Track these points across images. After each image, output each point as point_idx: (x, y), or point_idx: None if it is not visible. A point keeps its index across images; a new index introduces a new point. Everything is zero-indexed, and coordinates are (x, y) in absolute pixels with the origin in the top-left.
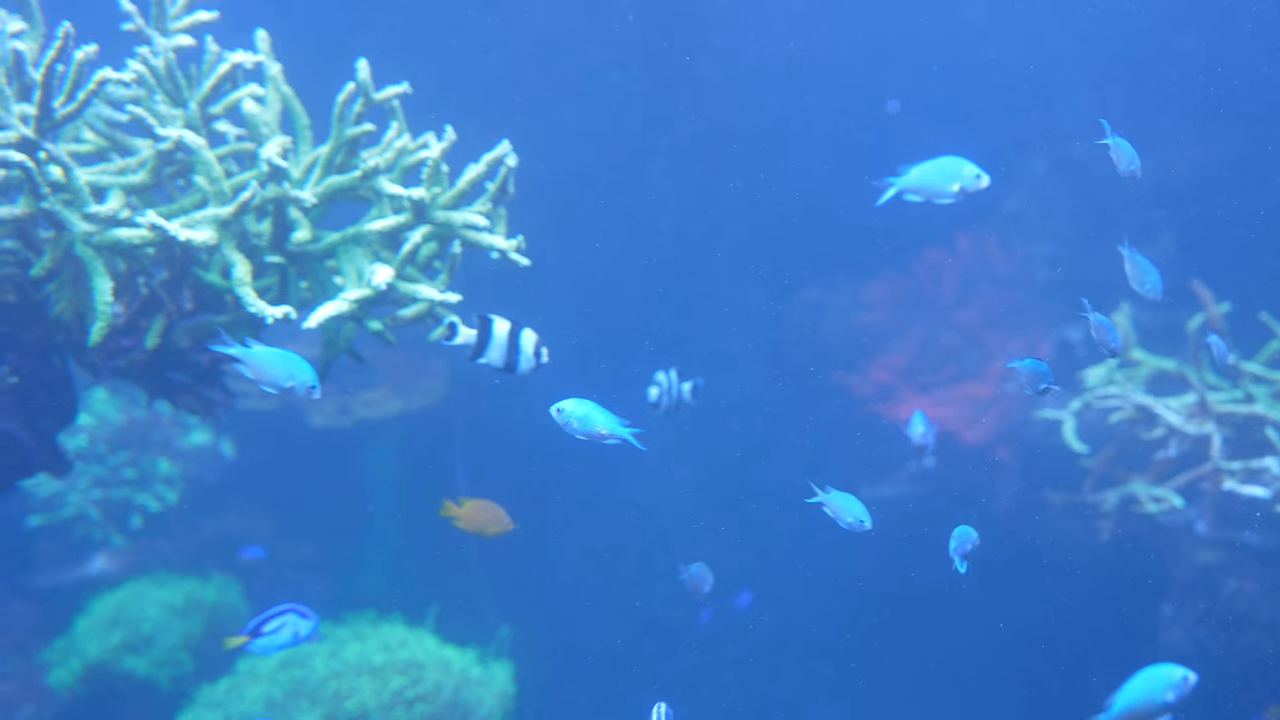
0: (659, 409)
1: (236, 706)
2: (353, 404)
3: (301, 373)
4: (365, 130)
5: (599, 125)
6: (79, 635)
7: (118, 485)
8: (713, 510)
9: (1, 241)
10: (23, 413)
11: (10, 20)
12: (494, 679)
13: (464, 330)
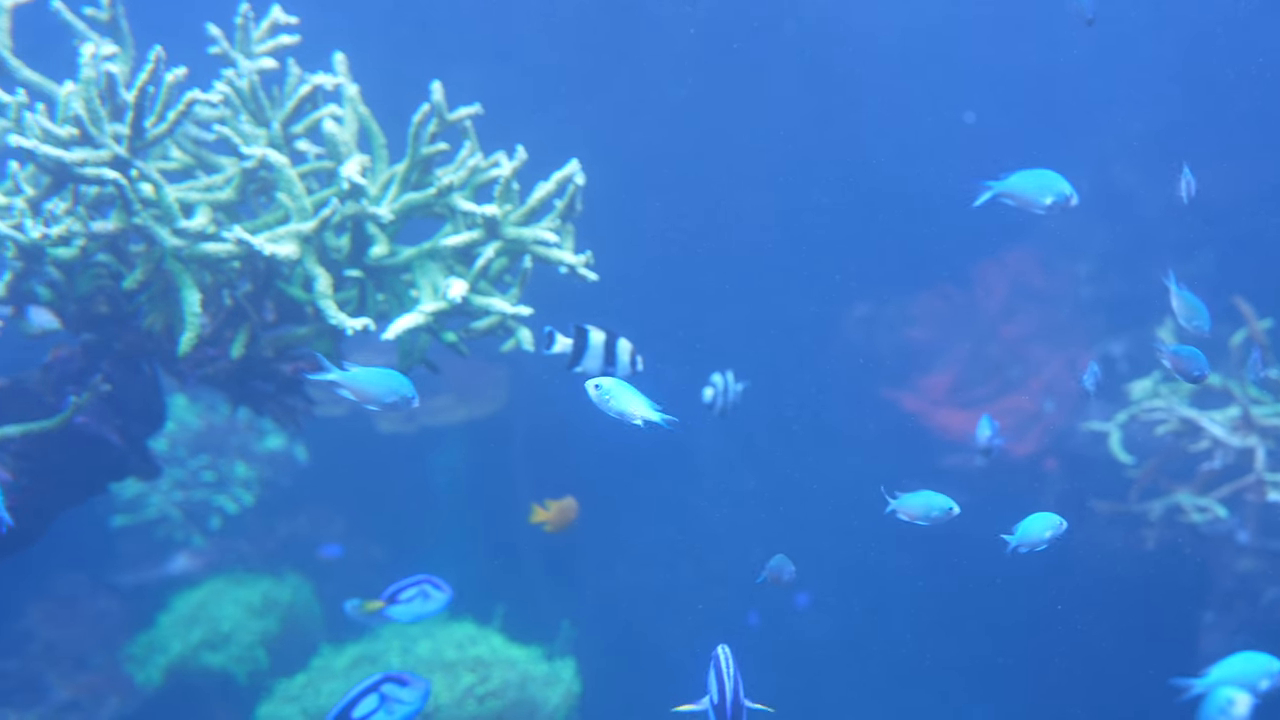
0: (714, 409)
1: (312, 700)
2: (419, 411)
3: (400, 386)
4: (440, 149)
5: (660, 136)
6: (162, 632)
7: (197, 488)
8: (766, 516)
9: (95, 255)
10: (115, 419)
11: (103, 44)
12: (559, 676)
13: (561, 340)
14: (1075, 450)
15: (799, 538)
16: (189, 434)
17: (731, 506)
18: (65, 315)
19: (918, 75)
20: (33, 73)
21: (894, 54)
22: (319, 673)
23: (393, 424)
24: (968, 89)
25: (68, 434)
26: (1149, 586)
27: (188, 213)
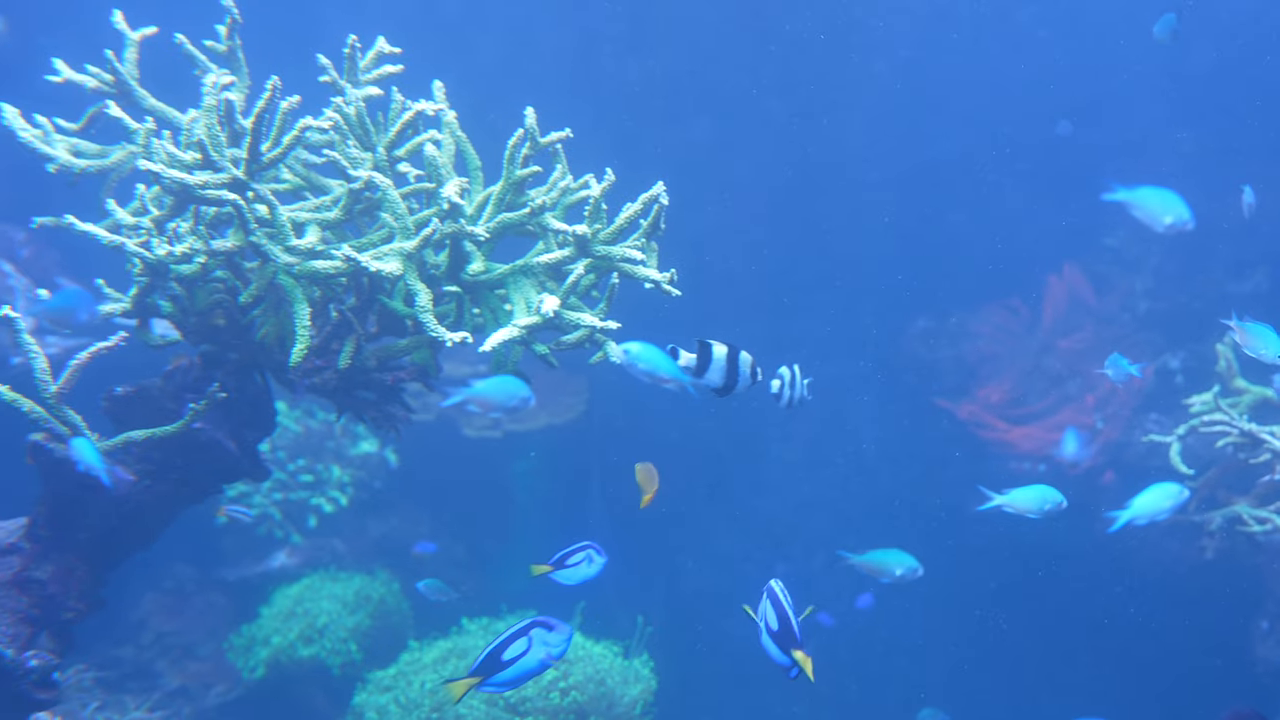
0: (781, 401)
1: (404, 691)
2: (502, 418)
3: (519, 390)
4: (532, 171)
5: (732, 148)
6: (263, 625)
7: (296, 489)
8: (829, 521)
9: (214, 272)
10: (229, 424)
11: (222, 74)
12: (637, 673)
13: (685, 354)
14: (1132, 462)
15: (860, 542)
16: (288, 438)
17: (795, 512)
18: (185, 327)
19: (977, 95)
20: (157, 101)
21: (961, 75)
22: (409, 665)
23: (478, 430)
24: (1025, 105)
25: (187, 438)
26: (1207, 594)
27: (299, 231)
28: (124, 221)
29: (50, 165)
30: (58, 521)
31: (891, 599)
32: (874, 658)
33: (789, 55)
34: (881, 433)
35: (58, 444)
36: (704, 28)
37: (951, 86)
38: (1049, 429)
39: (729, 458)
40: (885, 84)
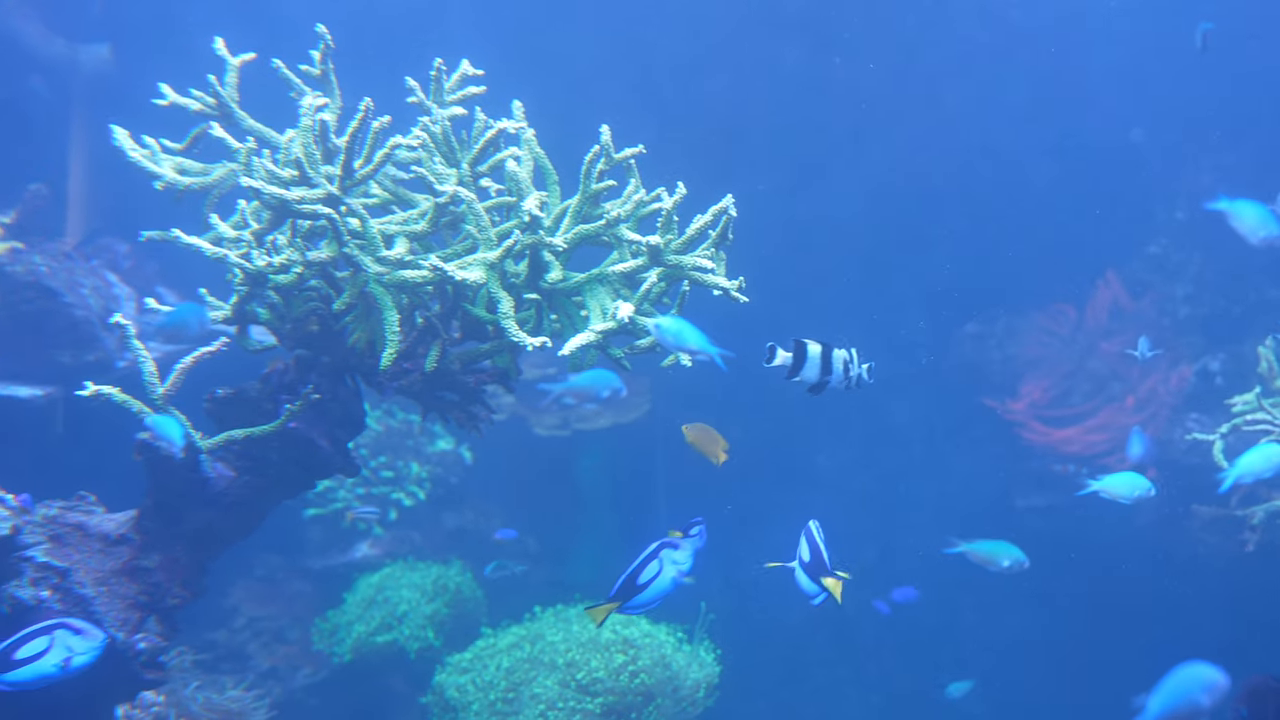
0: (838, 384)
1: (480, 673)
2: (571, 418)
3: (611, 381)
4: (607, 185)
5: (792, 152)
6: (347, 611)
7: (377, 484)
8: (880, 517)
9: (309, 281)
10: (322, 423)
11: (315, 96)
12: (699, 658)
13: (781, 353)
14: (1173, 459)
15: (909, 537)
16: (370, 437)
17: (847, 508)
18: (281, 333)
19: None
20: (255, 122)
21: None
22: (485, 650)
23: (547, 428)
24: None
25: (283, 437)
26: (1248, 587)
27: (388, 243)
28: (225, 235)
29: (157, 183)
30: (163, 514)
31: (940, 590)
32: (923, 645)
33: (849, 66)
34: (931, 432)
35: (165, 442)
36: (759, 41)
37: (1009, 97)
38: (1089, 430)
39: (786, 455)
40: (943, 96)
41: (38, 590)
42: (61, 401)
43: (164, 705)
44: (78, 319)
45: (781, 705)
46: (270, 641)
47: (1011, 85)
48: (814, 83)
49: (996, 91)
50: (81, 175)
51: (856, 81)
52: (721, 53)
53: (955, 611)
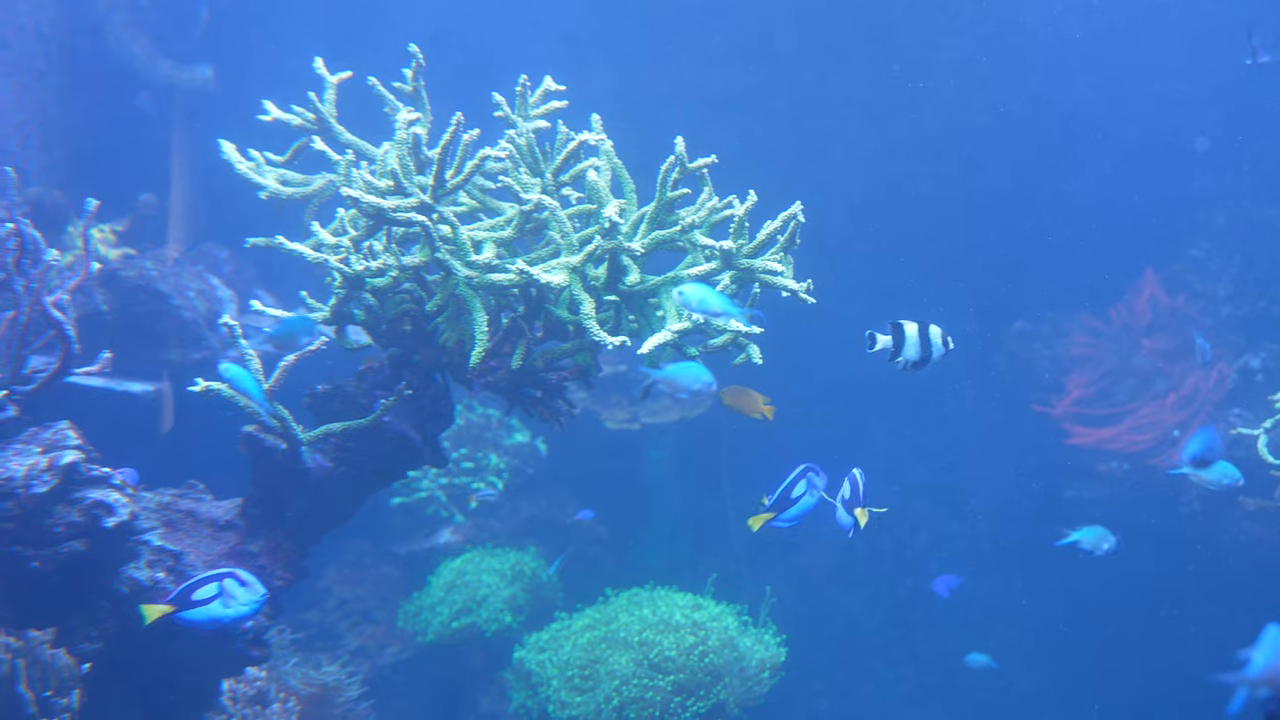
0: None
1: (555, 653)
2: (640, 412)
3: (703, 374)
4: (682, 193)
5: (850, 165)
6: (430, 594)
7: (458, 474)
8: (930, 505)
9: (402, 284)
10: (414, 418)
11: (408, 111)
12: (763, 639)
13: (880, 338)
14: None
15: (961, 524)
16: (451, 430)
17: (900, 497)
18: (376, 333)
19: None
20: (352, 135)
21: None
22: (560, 631)
23: (618, 423)
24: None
25: (377, 430)
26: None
27: (477, 248)
28: (325, 241)
29: (262, 193)
30: (267, 502)
31: (988, 578)
32: (976, 627)
33: (912, 72)
34: (981, 426)
35: (268, 435)
36: (825, 49)
37: (1063, 100)
38: (1132, 429)
39: (842, 447)
40: (1004, 101)
41: (154, 572)
42: (169, 396)
43: (266, 680)
44: (185, 320)
45: (837, 686)
46: (359, 621)
47: (1067, 88)
48: (870, 83)
49: (1051, 93)
50: (183, 186)
51: (912, 82)
52: (788, 59)
53: (1006, 595)
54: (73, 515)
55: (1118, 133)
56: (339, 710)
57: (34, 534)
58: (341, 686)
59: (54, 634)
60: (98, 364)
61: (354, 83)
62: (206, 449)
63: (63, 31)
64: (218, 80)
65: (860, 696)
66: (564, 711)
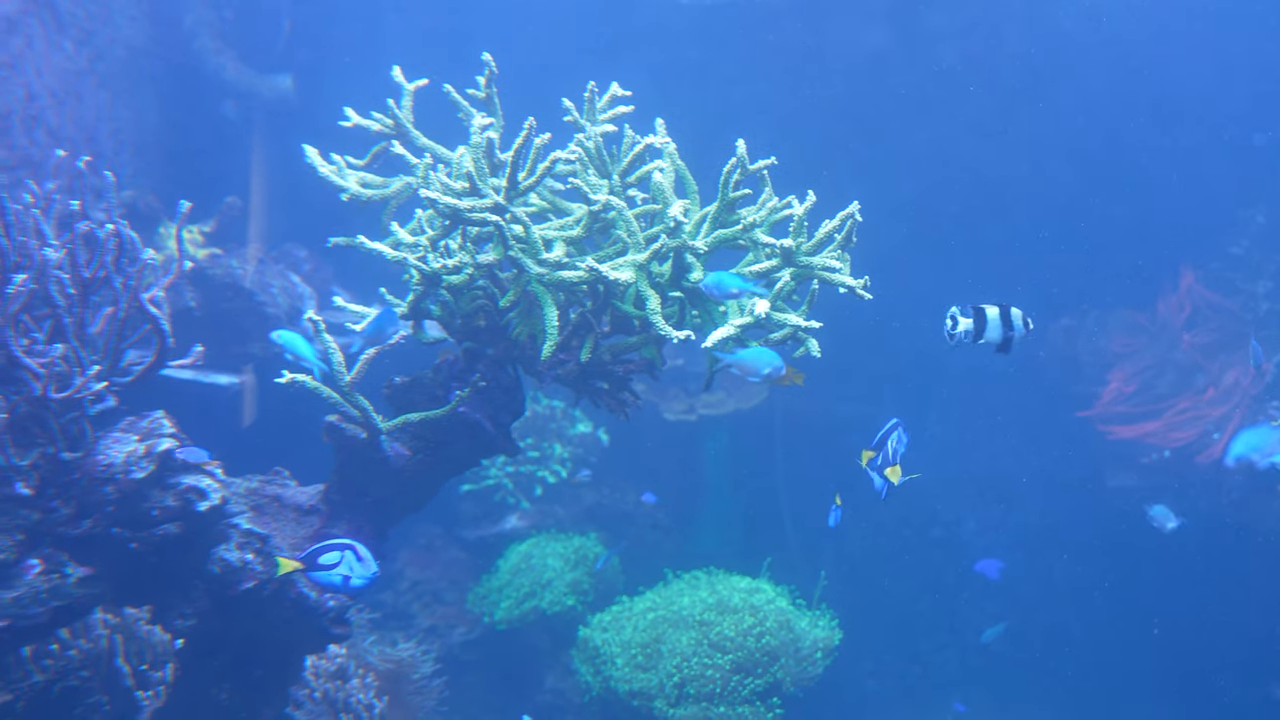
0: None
1: (616, 635)
2: (697, 404)
3: (773, 360)
4: (743, 194)
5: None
6: (499, 577)
7: (525, 463)
8: (976, 494)
9: (477, 281)
10: (487, 409)
11: (482, 117)
12: (817, 622)
13: (963, 321)
14: None
15: (1005, 512)
16: (519, 420)
17: (948, 485)
18: (451, 328)
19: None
20: (428, 140)
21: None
22: (622, 613)
23: (676, 414)
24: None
25: (453, 420)
26: None
27: (547, 247)
28: (403, 240)
29: (343, 195)
30: (348, 488)
31: (1033, 565)
32: (1020, 611)
33: (958, 73)
34: (1027, 417)
35: (350, 425)
36: (876, 54)
37: (1113, 103)
38: (1171, 424)
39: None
40: (1052, 103)
41: (243, 554)
42: (253, 388)
43: (345, 657)
44: (268, 315)
45: (885, 667)
46: (430, 602)
47: (1116, 89)
48: (925, 84)
49: (1094, 92)
50: (263, 189)
51: (968, 77)
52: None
53: (1050, 582)
54: (168, 500)
55: (1160, 133)
56: (413, 686)
57: (132, 517)
58: (416, 663)
59: (150, 611)
60: (190, 357)
61: (428, 90)
62: (288, 437)
63: (155, 45)
64: (297, 89)
65: (908, 678)
66: (628, 686)
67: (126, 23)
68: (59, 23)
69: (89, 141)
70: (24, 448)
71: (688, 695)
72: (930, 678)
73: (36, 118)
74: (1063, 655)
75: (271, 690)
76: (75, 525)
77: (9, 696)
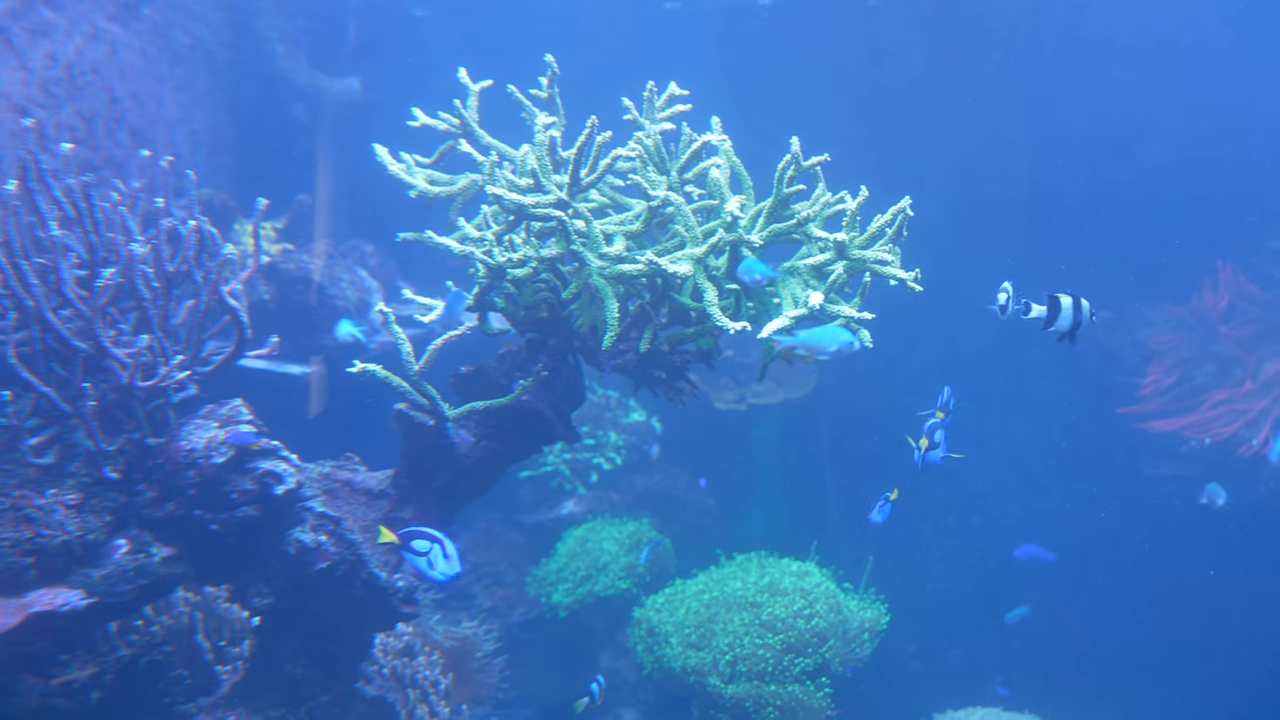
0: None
1: (670, 615)
2: (747, 394)
3: (841, 336)
4: (797, 189)
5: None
6: (556, 560)
7: (581, 450)
8: (1019, 480)
9: (540, 274)
10: (548, 397)
11: (545, 116)
12: (864, 604)
13: (1035, 307)
14: None
15: (1044, 498)
16: (577, 408)
17: (991, 472)
18: (515, 319)
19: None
20: (492, 138)
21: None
22: (676, 594)
23: (727, 403)
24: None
25: (516, 408)
26: None
27: (608, 241)
28: (470, 235)
29: (411, 192)
30: (416, 473)
31: (1073, 551)
32: (1059, 596)
33: (1009, 63)
34: (1067, 407)
35: (418, 412)
36: (930, 51)
37: (1162, 105)
38: (1210, 416)
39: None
40: (1095, 96)
41: (317, 535)
42: (322, 377)
43: (412, 635)
44: (338, 308)
45: (928, 649)
46: (490, 584)
47: (1159, 83)
48: (971, 81)
49: (1142, 87)
50: (331, 187)
51: (1012, 78)
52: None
53: (1088, 569)
54: (246, 483)
55: (1201, 127)
56: (476, 663)
57: (212, 500)
58: (478, 642)
59: (229, 590)
60: (267, 347)
61: (490, 90)
62: (356, 425)
63: (230, 50)
64: (363, 90)
65: (949, 659)
66: (682, 663)
67: (204, 29)
68: (140, 29)
69: (168, 143)
70: (112, 434)
71: (740, 673)
72: (971, 659)
73: (119, 120)
74: (1100, 640)
75: (343, 666)
76: (159, 507)
77: (97, 669)
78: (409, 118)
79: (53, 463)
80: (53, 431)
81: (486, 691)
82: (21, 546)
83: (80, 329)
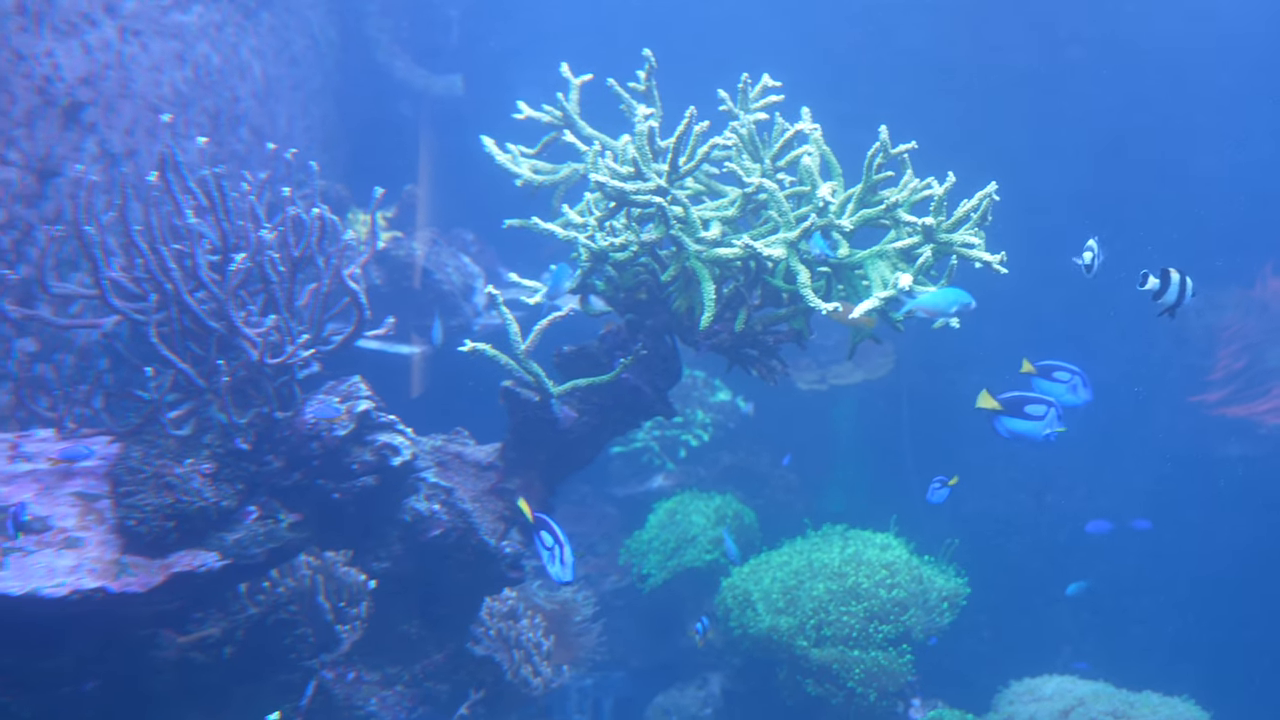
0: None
1: (756, 584)
2: (828, 375)
3: (961, 296)
4: (886, 176)
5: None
6: (647, 532)
7: (670, 428)
8: (1091, 461)
9: (640, 258)
10: (646, 375)
11: (644, 108)
12: (944, 576)
13: (1150, 279)
14: None
15: (1108, 477)
16: (674, 386)
17: (1060, 451)
18: (615, 301)
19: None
20: (592, 129)
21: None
22: (761, 564)
23: (808, 383)
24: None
25: (616, 386)
26: None
27: (704, 225)
28: (573, 221)
29: (517, 180)
30: (522, 447)
31: (1128, 524)
32: (1129, 570)
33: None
34: (1136, 387)
35: (524, 389)
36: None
37: (1226, 93)
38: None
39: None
40: (1162, 90)
41: (430, 504)
42: (430, 357)
43: (516, 599)
44: (444, 292)
45: (999, 619)
46: (584, 553)
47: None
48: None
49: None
50: (432, 178)
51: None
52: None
53: (1159, 544)
54: (366, 455)
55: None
56: (575, 627)
57: (335, 470)
58: (577, 607)
59: (348, 555)
60: (383, 328)
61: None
62: (462, 402)
63: (339, 51)
64: (465, 87)
65: (1020, 629)
66: (772, 623)
67: (317, 30)
68: (259, 31)
69: (285, 138)
70: (242, 408)
71: (825, 638)
72: (1040, 631)
73: (241, 118)
74: (1169, 615)
75: (453, 627)
76: (286, 477)
77: (229, 625)
78: (509, 112)
79: (190, 434)
80: (190, 405)
81: (584, 654)
82: (164, 511)
83: (214, 310)
